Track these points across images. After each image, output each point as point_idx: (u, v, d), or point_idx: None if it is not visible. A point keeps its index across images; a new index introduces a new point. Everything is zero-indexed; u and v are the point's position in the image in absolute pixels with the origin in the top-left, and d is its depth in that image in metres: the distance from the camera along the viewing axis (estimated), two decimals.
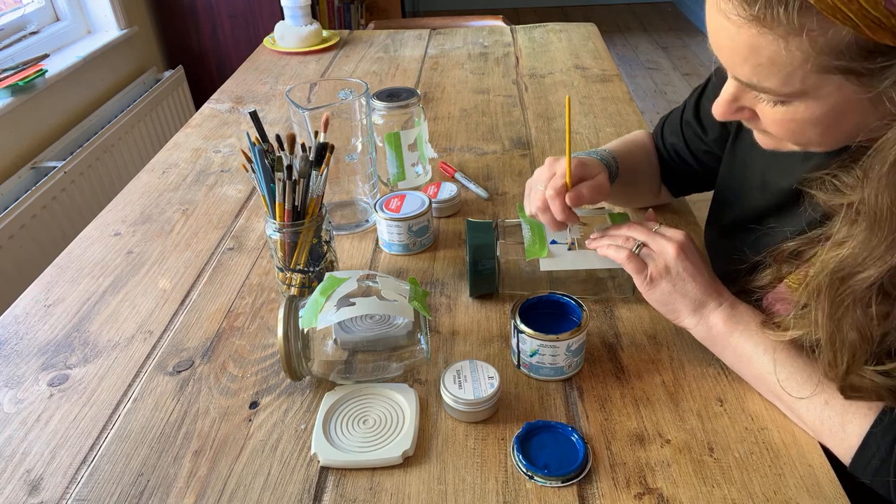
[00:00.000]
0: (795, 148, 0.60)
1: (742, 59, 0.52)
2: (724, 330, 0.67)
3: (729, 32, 0.51)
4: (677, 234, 0.70)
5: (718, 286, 0.69)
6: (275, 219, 0.77)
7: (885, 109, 0.48)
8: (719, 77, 0.83)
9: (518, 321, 0.69)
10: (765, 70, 0.51)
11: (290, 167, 0.74)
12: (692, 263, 0.68)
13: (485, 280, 0.81)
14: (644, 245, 0.70)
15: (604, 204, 1.00)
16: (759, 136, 0.63)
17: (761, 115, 0.57)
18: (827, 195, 0.57)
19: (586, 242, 0.76)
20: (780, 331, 0.63)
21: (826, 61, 0.48)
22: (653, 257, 0.69)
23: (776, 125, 0.57)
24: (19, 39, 1.89)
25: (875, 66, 0.47)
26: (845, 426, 0.60)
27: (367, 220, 0.99)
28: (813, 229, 0.62)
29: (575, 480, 0.60)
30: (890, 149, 0.49)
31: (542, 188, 0.76)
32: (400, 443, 0.64)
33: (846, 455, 0.60)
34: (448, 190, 1.01)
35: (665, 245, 0.69)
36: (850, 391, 0.59)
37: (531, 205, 0.78)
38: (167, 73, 2.31)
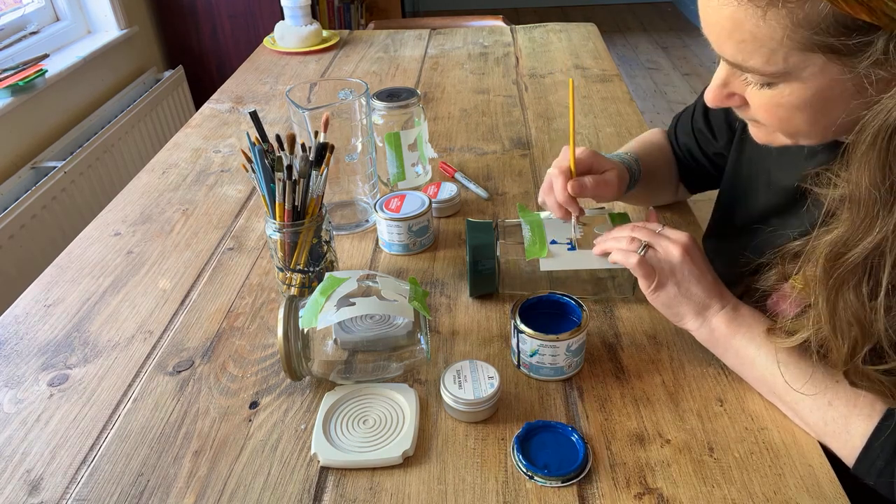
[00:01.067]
0: (787, 140, 0.60)
1: (726, 35, 0.52)
2: (726, 332, 0.67)
3: (714, 6, 0.52)
4: (682, 237, 0.69)
5: (721, 289, 0.69)
6: (275, 219, 0.77)
7: (868, 95, 0.49)
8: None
9: (518, 321, 0.69)
10: (748, 47, 0.51)
11: (290, 167, 0.74)
12: (697, 266, 0.68)
13: (485, 280, 0.81)
14: (649, 246, 0.70)
15: (604, 204, 1.00)
16: (752, 128, 0.64)
17: (750, 100, 0.58)
18: (824, 190, 0.57)
19: (593, 250, 0.75)
20: (785, 335, 0.63)
21: (806, 37, 0.48)
22: (658, 259, 0.69)
23: (764, 111, 0.57)
24: (19, 39, 1.89)
25: (853, 42, 0.47)
26: (849, 427, 0.60)
27: (367, 220, 0.99)
28: (816, 228, 0.62)
29: (575, 480, 0.60)
30: (867, 129, 0.49)
31: (554, 171, 0.78)
32: (400, 443, 0.64)
33: (850, 456, 0.60)
34: (448, 190, 1.01)
35: (670, 247, 0.68)
36: (855, 378, 0.58)
37: (541, 189, 0.81)
38: (167, 73, 2.31)
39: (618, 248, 0.71)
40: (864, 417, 0.59)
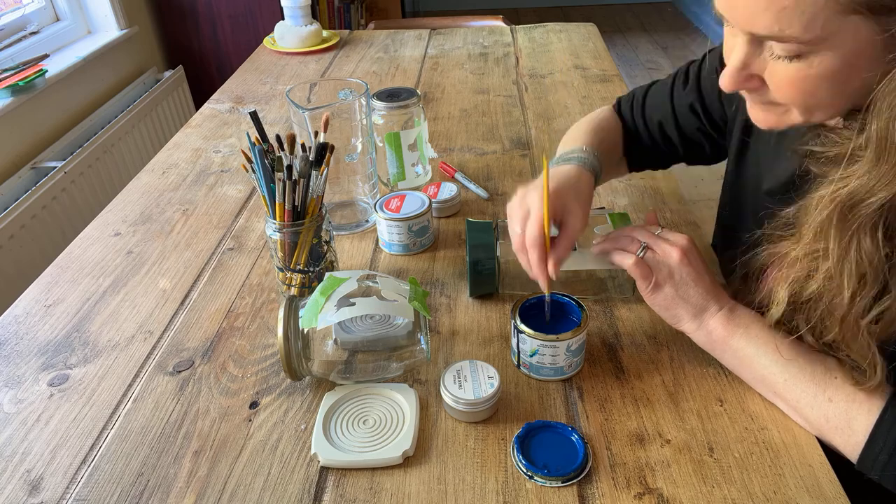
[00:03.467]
0: (799, 118, 0.59)
1: (763, 8, 0.51)
2: (723, 333, 0.68)
3: None
4: (681, 239, 0.70)
5: (719, 291, 0.69)
6: (275, 219, 0.77)
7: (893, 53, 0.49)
8: (714, 57, 0.83)
9: (518, 321, 0.70)
10: (788, 14, 0.51)
11: (290, 167, 0.74)
12: (694, 269, 0.68)
13: (485, 280, 0.81)
14: (648, 248, 0.70)
15: (604, 204, 1.00)
16: (758, 114, 0.62)
17: (773, 77, 0.57)
18: (825, 147, 0.57)
19: (593, 250, 0.75)
20: (785, 332, 0.64)
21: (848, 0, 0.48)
22: (656, 261, 0.69)
23: (788, 85, 0.56)
24: (19, 39, 1.89)
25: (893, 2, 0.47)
26: (850, 423, 0.60)
27: (367, 220, 0.99)
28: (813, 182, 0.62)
29: (575, 480, 0.60)
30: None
31: (518, 231, 0.72)
32: (400, 443, 0.64)
33: (853, 452, 0.60)
34: (448, 190, 1.01)
35: (669, 250, 0.69)
36: (846, 334, 0.59)
37: (512, 242, 0.74)
38: (167, 74, 2.31)
39: (616, 248, 0.71)
40: (865, 412, 0.59)
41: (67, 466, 0.64)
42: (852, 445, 0.60)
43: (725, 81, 0.59)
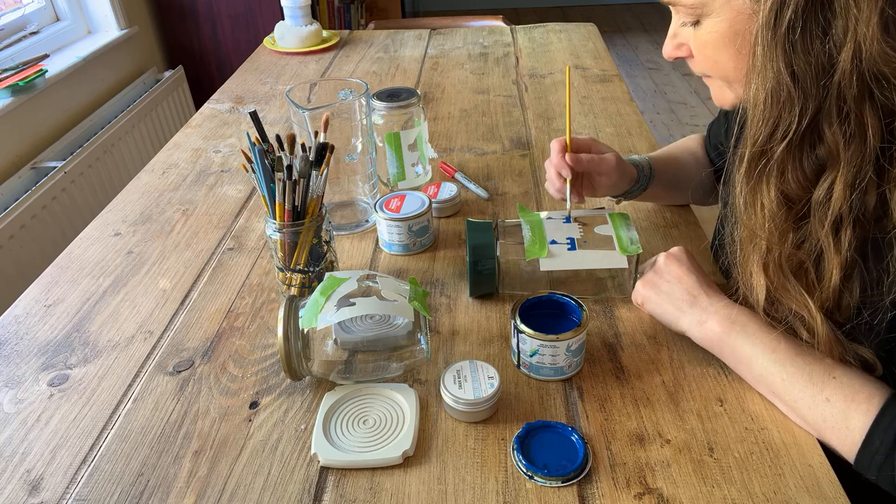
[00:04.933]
0: (729, 94, 0.65)
1: None
2: (719, 330, 0.68)
3: None
4: (672, 249, 0.76)
5: (711, 288, 0.71)
6: (275, 219, 0.77)
7: None
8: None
9: (518, 321, 0.70)
10: None
11: (290, 167, 0.74)
12: (679, 268, 0.73)
13: (485, 280, 0.81)
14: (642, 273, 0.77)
15: (604, 204, 1.00)
16: (711, 91, 0.69)
17: (689, 45, 0.65)
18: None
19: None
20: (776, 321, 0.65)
21: None
22: (643, 272, 0.77)
23: (697, 52, 0.64)
24: (19, 39, 1.89)
25: None
26: (848, 423, 0.60)
27: (367, 220, 0.99)
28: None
29: (575, 480, 0.60)
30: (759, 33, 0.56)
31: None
32: (400, 443, 0.64)
33: (850, 452, 0.60)
34: (448, 190, 1.01)
35: (656, 257, 0.76)
36: (778, 292, 0.63)
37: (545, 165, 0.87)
38: (167, 74, 2.31)
39: None
40: (863, 413, 0.59)
41: (67, 466, 0.64)
42: (849, 446, 0.60)
43: (664, 51, 0.68)
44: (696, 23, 0.62)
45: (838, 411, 0.61)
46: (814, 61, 0.53)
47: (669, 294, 0.73)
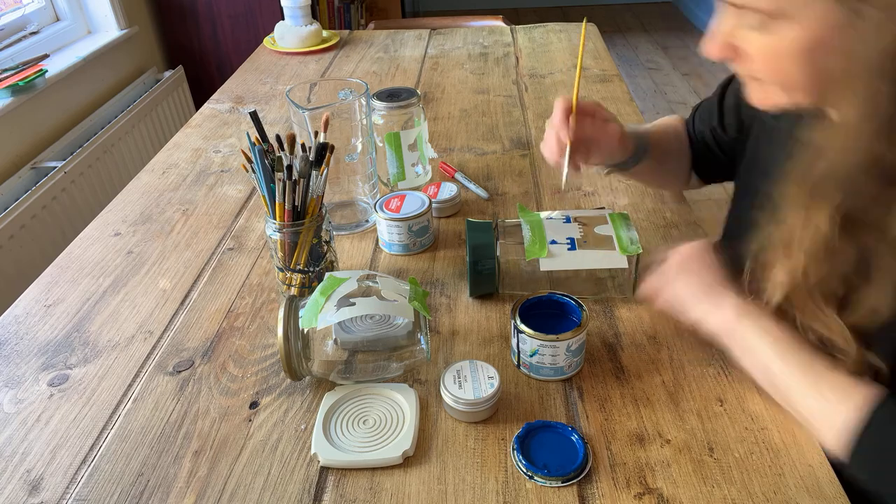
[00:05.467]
0: (784, 99, 0.60)
1: None
2: (732, 318, 0.67)
3: None
4: (686, 244, 0.74)
5: (726, 283, 0.70)
6: (275, 219, 0.77)
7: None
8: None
9: (518, 321, 0.70)
10: None
11: (290, 167, 0.74)
12: (696, 262, 0.72)
13: (485, 280, 0.81)
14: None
15: (604, 204, 1.00)
16: (750, 90, 0.63)
17: (749, 50, 0.58)
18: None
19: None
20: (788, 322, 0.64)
21: None
22: (660, 266, 0.75)
23: (762, 60, 0.57)
24: (19, 39, 1.89)
25: None
26: (838, 418, 0.60)
27: (367, 220, 0.99)
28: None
29: (575, 480, 0.60)
30: (854, 59, 0.50)
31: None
32: (400, 443, 0.64)
33: (838, 448, 0.60)
34: (448, 190, 1.01)
35: (675, 251, 0.74)
36: (803, 313, 0.61)
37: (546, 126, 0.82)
38: (167, 73, 2.31)
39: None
40: (854, 409, 0.59)
41: (67, 466, 0.64)
42: (837, 441, 0.60)
43: (707, 49, 0.61)
44: (764, 26, 0.54)
45: (830, 406, 0.60)
46: None
47: (688, 283, 0.71)
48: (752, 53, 0.57)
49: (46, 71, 1.79)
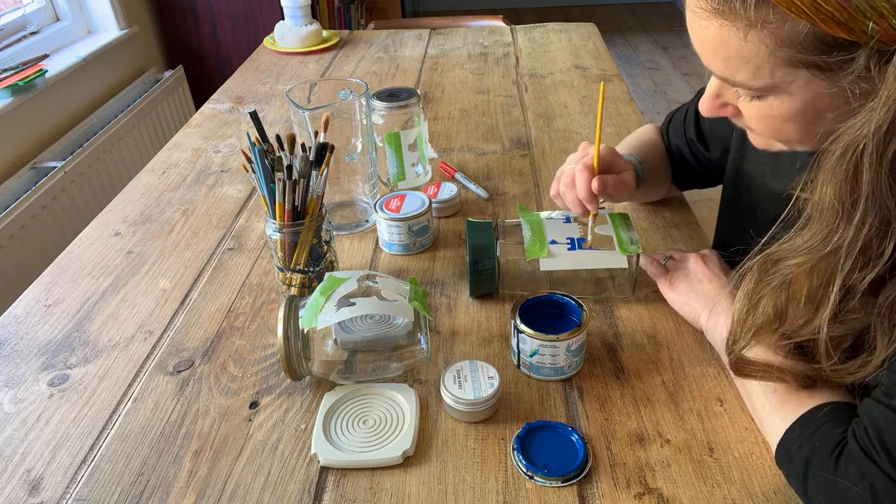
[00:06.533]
0: (783, 147, 0.60)
1: (712, 53, 0.53)
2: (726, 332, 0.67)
3: (699, 26, 0.52)
4: (703, 250, 0.78)
5: (732, 293, 0.71)
6: (275, 219, 0.77)
7: (853, 106, 0.48)
8: None
9: (518, 321, 0.69)
10: (733, 63, 0.52)
11: (290, 167, 0.74)
12: (710, 268, 0.75)
13: (485, 280, 0.81)
14: (671, 257, 0.80)
15: (605, 204, 1.00)
16: (750, 135, 0.64)
17: (742, 111, 0.58)
18: (806, 195, 0.57)
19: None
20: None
21: (789, 54, 0.48)
22: (674, 263, 0.79)
23: (756, 122, 0.57)
24: (19, 39, 1.89)
25: (834, 59, 0.47)
26: (781, 413, 0.60)
27: (367, 220, 0.99)
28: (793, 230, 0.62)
29: (575, 480, 0.60)
30: (839, 141, 0.49)
31: (571, 167, 0.79)
32: (400, 443, 0.64)
33: (773, 443, 0.60)
34: (448, 190, 1.01)
35: (688, 254, 0.78)
36: (740, 365, 0.60)
37: (560, 183, 0.81)
38: (167, 73, 2.31)
39: (648, 258, 0.81)
40: (795, 407, 0.59)
41: (67, 466, 0.64)
42: (773, 437, 0.60)
43: (703, 107, 0.61)
44: (759, 96, 0.54)
45: (777, 401, 0.61)
46: None
47: (698, 293, 0.74)
48: (748, 117, 0.58)
49: (46, 71, 1.79)
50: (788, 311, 0.55)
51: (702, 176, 0.95)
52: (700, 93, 0.90)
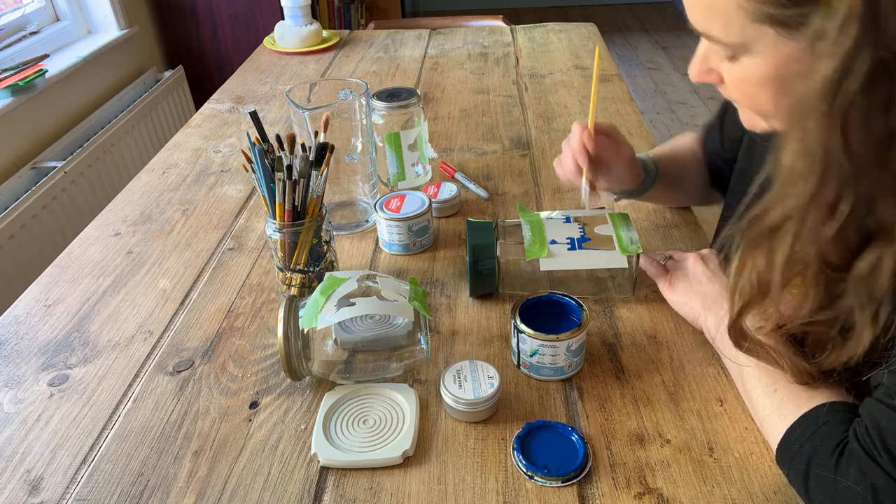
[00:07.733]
0: (763, 123, 0.61)
1: (693, 6, 0.55)
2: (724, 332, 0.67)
3: None
4: (702, 250, 0.78)
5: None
6: (275, 219, 0.77)
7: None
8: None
9: (518, 321, 0.70)
10: (711, 15, 0.54)
11: (290, 167, 0.74)
12: (709, 268, 0.75)
13: (485, 280, 0.81)
14: (671, 258, 0.81)
15: (604, 204, 1.00)
16: (740, 115, 0.65)
17: (724, 77, 0.59)
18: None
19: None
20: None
21: (755, 7, 0.50)
22: (674, 264, 0.80)
23: (733, 87, 0.59)
24: (19, 39, 1.89)
25: (792, 13, 0.48)
26: (781, 413, 0.60)
27: (367, 220, 0.99)
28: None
29: (575, 480, 0.60)
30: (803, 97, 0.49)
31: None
32: (400, 443, 0.64)
33: (774, 443, 0.60)
34: (448, 190, 1.01)
35: (687, 254, 0.79)
36: (739, 338, 0.60)
37: (562, 146, 0.85)
38: (167, 73, 2.31)
39: (647, 258, 0.81)
40: (796, 407, 0.59)
41: (67, 466, 0.64)
42: (774, 437, 0.60)
43: (690, 72, 0.63)
44: (733, 57, 0.56)
45: (778, 402, 0.61)
46: (873, 136, 0.46)
47: (698, 293, 0.75)
48: (726, 81, 0.59)
49: (46, 71, 1.79)
50: (771, 280, 0.55)
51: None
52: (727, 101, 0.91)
